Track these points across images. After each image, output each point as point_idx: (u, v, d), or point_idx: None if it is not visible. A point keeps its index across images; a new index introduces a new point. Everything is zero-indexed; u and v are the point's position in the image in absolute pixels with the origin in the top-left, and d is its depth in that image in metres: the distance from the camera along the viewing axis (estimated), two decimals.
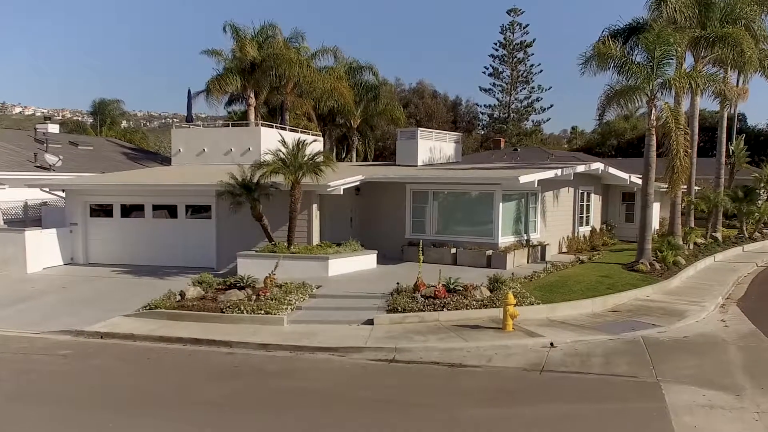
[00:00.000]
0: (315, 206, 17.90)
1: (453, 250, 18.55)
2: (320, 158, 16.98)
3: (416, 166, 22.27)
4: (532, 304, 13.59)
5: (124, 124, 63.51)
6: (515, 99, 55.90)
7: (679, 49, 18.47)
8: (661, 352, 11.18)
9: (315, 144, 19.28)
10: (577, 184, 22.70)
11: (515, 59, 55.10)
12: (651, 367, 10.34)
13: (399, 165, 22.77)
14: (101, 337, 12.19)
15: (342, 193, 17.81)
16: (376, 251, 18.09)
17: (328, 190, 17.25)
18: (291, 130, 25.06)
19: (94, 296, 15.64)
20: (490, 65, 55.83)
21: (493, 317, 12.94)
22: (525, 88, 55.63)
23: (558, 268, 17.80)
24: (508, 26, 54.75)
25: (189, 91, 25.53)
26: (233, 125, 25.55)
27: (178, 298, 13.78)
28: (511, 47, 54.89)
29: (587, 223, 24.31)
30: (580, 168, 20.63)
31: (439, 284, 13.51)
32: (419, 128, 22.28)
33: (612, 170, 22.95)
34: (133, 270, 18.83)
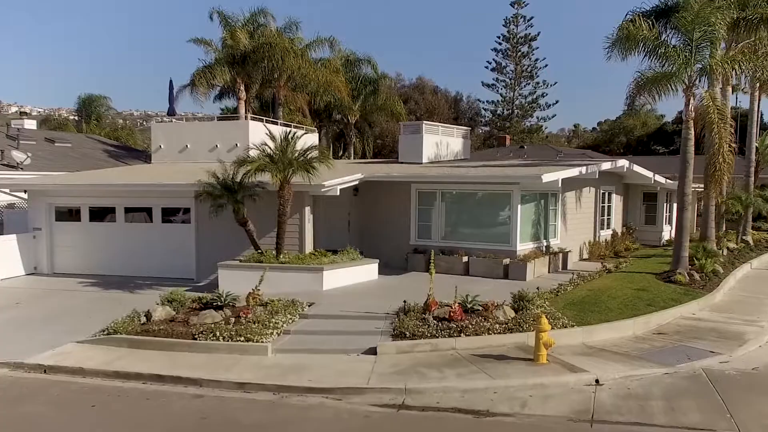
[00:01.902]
0: (307, 209, 15.69)
1: (465, 259, 16.36)
2: (314, 154, 14.77)
3: (421, 163, 20.06)
4: (565, 327, 11.41)
5: (120, 122, 61.23)
6: (519, 95, 53.71)
7: (720, 30, 16.26)
8: (733, 391, 9.04)
9: (308, 138, 17.09)
10: (598, 184, 20.54)
11: (519, 53, 52.90)
12: (727, 414, 8.20)
13: (402, 162, 20.56)
14: (44, 372, 9.97)
15: (339, 194, 15.60)
16: (377, 260, 15.88)
17: (323, 190, 15.05)
18: (284, 125, 22.84)
19: (50, 314, 13.41)
20: (493, 59, 53.68)
21: (520, 344, 10.78)
22: (529, 84, 53.42)
23: (585, 280, 15.62)
24: (511, 19, 52.56)
25: (171, 82, 23.39)
26: (219, 119, 23.33)
27: (143, 320, 11.56)
28: (514, 41, 52.69)
29: (608, 226, 22.14)
30: (606, 165, 18.47)
31: (455, 303, 11.30)
32: (424, 122, 20.10)
33: (637, 168, 20.80)
34: (102, 282, 16.60)
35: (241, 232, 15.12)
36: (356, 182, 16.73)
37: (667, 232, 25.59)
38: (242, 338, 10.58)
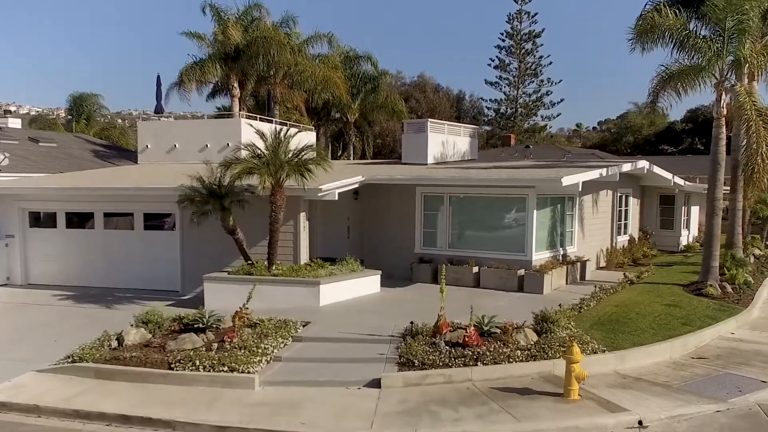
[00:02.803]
0: (302, 215, 14.27)
1: (475, 269, 14.96)
2: (309, 154, 13.36)
3: (426, 164, 18.64)
4: (596, 352, 10.01)
5: (119, 122, 59.38)
6: (523, 93, 52.32)
7: (754, 20, 14.86)
8: None
9: (303, 137, 15.68)
10: (615, 187, 19.15)
11: (523, 50, 51.51)
12: None
13: (405, 163, 19.14)
14: None
15: (337, 198, 14.17)
16: (380, 271, 14.47)
17: (320, 195, 13.64)
18: (280, 124, 21.42)
19: (15, 334, 12.00)
20: (496, 57, 52.31)
21: (545, 374, 9.39)
22: (533, 82, 52.05)
23: (607, 293, 14.22)
24: (515, 15, 51.17)
25: (158, 78, 21.94)
26: (210, 117, 21.91)
27: (114, 344, 10.14)
28: (518, 37, 51.30)
29: (625, 232, 20.77)
30: (626, 167, 17.07)
31: (470, 327, 9.88)
32: (429, 120, 18.68)
33: (657, 170, 19.39)
34: (79, 294, 15.19)
35: (231, 240, 13.71)
36: (356, 185, 15.32)
37: (685, 237, 24.23)
38: (226, 368, 9.16)
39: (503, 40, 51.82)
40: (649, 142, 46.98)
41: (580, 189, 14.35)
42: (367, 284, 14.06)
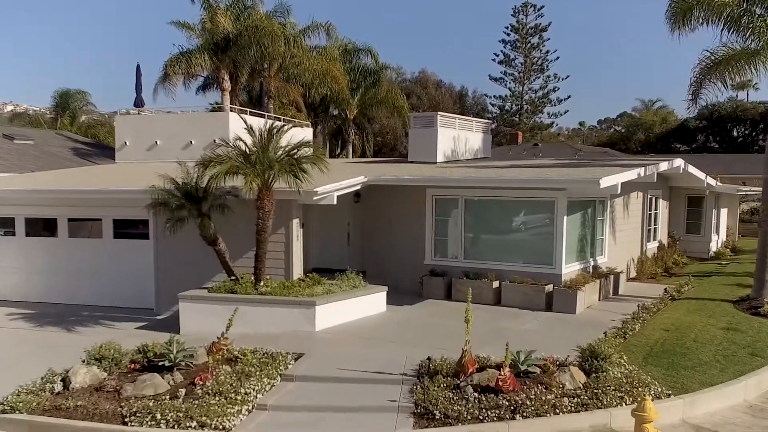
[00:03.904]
0: (295, 222, 12.25)
1: (495, 284, 12.97)
2: (304, 152, 11.34)
3: (435, 162, 16.62)
4: (659, 396, 8.01)
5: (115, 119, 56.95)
6: (529, 89, 50.36)
7: None
8: None
9: (297, 132, 13.70)
10: (646, 188, 17.20)
11: (529, 45, 49.52)
12: None
13: (412, 162, 17.12)
14: None
15: (336, 202, 12.16)
16: (386, 287, 12.45)
17: (315, 198, 11.62)
18: (274, 119, 19.42)
19: None
20: (501, 51, 50.40)
21: (600, 427, 7.42)
22: (539, 77, 50.07)
23: (650, 312, 12.24)
24: (520, 8, 49.17)
25: (138, 67, 19.82)
26: (197, 111, 19.89)
27: (59, 387, 8.12)
28: (524, 31, 49.32)
29: (654, 237, 18.80)
30: (663, 166, 15.08)
31: (505, 366, 7.85)
32: (439, 113, 16.67)
33: (692, 169, 17.41)
34: (39, 313, 13.17)
35: (211, 250, 11.71)
36: (358, 187, 13.31)
37: (714, 243, 22.26)
38: (194, 422, 7.15)
39: (508, 34, 49.91)
40: (662, 139, 45.04)
41: (618, 191, 12.35)
42: (372, 303, 12.05)
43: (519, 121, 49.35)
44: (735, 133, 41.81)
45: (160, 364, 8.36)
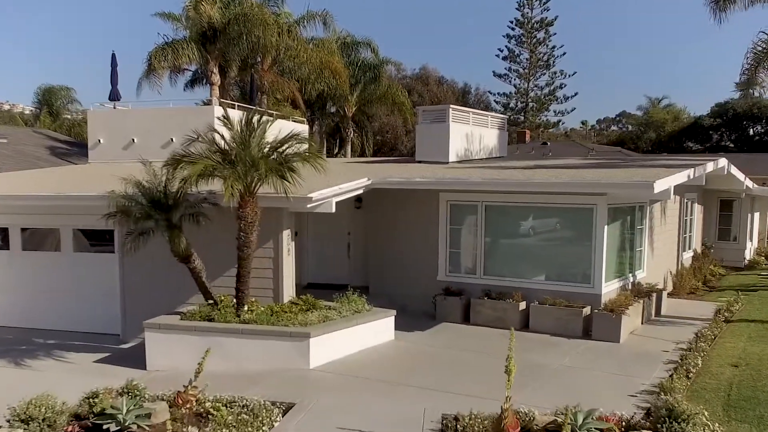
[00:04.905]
0: (286, 234, 10.28)
1: (522, 305, 11.02)
2: (297, 147, 9.37)
3: (447, 162, 14.64)
4: None
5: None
6: (534, 86, 48.45)
7: None
8: None
9: (287, 126, 11.76)
10: (683, 191, 15.29)
11: (534, 40, 47.61)
12: None
13: (420, 161, 15.14)
14: None
15: (334, 209, 10.17)
16: (394, 311, 10.47)
17: (310, 206, 9.65)
18: (262, 114, 17.40)
19: None
20: (505, 47, 48.42)
21: None
22: (545, 74, 48.18)
23: (707, 340, 10.29)
24: (525, 1, 47.24)
25: (113, 56, 17.70)
26: (177, 105, 17.89)
27: None
28: (529, 26, 47.39)
29: (689, 246, 16.89)
30: (710, 167, 13.13)
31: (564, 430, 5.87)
32: (451, 105, 14.70)
33: (734, 170, 15.48)
34: None
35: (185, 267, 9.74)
36: (361, 190, 11.33)
37: (749, 250, 20.35)
38: None
39: (513, 29, 47.99)
40: (674, 138, 43.16)
41: (671, 196, 10.40)
42: (377, 331, 10.08)
43: (524, 119, 47.44)
44: (751, 132, 39.99)
45: (105, 427, 6.38)
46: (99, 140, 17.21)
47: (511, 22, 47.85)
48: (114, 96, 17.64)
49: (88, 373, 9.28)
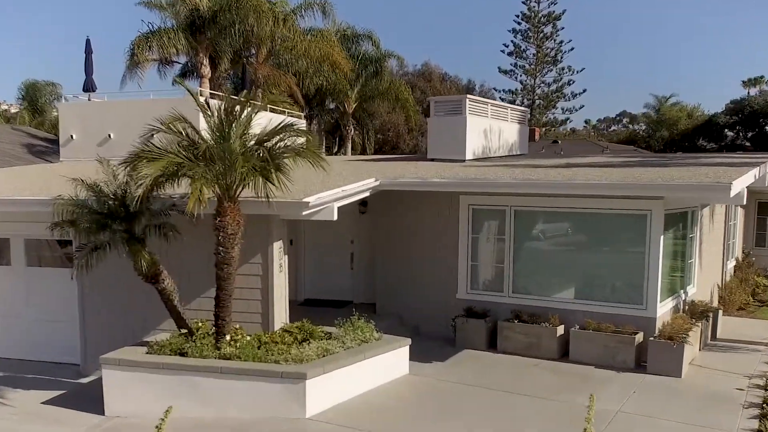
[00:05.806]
0: (277, 246, 8.46)
1: (560, 330, 9.23)
2: (290, 141, 7.58)
3: (464, 160, 12.82)
4: None
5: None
6: (541, 82, 46.65)
7: None
8: None
9: (276, 118, 9.97)
10: None
11: (541, 35, 45.81)
12: None
13: (432, 159, 13.31)
14: None
15: (336, 216, 8.35)
16: (409, 340, 8.66)
17: (306, 212, 7.83)
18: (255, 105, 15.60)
19: None
20: (511, 42, 46.58)
21: None
22: (552, 70, 46.38)
23: None
24: None
25: (87, 42, 15.87)
26: (158, 97, 16.08)
27: None
28: (536, 20, 45.59)
29: (732, 254, 15.13)
30: None
31: None
32: (468, 96, 12.88)
33: None
34: None
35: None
36: (367, 193, 9.52)
37: None
38: None
39: (519, 23, 46.18)
40: (687, 137, 41.40)
41: (744, 201, 8.63)
42: (389, 365, 8.27)
43: (531, 116, 45.62)
44: None
45: None
46: (71, 136, 15.42)
47: (517, 16, 46.09)
48: (88, 86, 15.85)
49: (31, 418, 7.52)
